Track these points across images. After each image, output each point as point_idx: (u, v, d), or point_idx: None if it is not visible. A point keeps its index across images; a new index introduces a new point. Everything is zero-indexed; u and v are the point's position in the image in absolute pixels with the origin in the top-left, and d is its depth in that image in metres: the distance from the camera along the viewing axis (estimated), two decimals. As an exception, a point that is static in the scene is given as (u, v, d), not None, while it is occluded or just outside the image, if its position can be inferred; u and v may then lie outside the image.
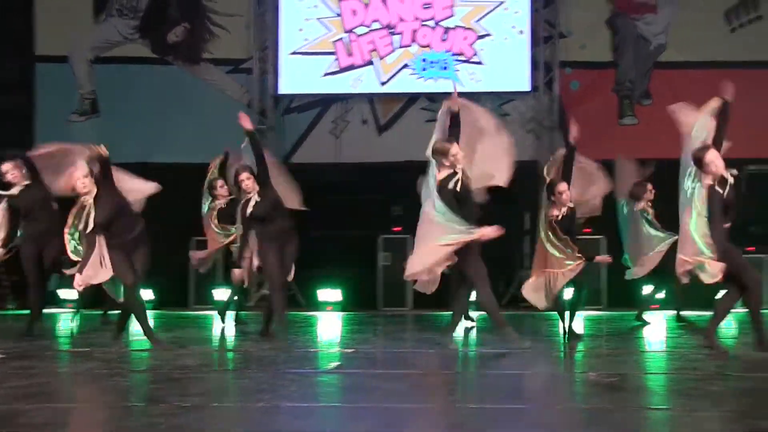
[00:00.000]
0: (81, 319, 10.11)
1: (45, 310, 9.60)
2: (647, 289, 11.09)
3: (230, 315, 10.55)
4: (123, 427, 4.85)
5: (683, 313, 10.53)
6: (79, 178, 7.78)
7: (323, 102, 15.27)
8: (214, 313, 11.09)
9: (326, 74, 14.94)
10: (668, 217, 8.94)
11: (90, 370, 7.00)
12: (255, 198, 8.56)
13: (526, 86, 14.65)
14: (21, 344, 8.45)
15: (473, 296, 8.62)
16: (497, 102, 14.91)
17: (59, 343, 9.47)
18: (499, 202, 14.78)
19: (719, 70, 14.51)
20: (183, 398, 5.57)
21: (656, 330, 10.20)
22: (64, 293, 12.69)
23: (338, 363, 7.70)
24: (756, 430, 4.93)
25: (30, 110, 15.57)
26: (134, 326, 8.41)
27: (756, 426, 4.98)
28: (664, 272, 9.65)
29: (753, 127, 14.47)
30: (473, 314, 10.24)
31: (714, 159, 7.52)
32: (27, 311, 9.38)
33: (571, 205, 8.87)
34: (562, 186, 8.84)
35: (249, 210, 8.53)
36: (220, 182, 10.50)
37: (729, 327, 9.65)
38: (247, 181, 8.60)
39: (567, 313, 8.99)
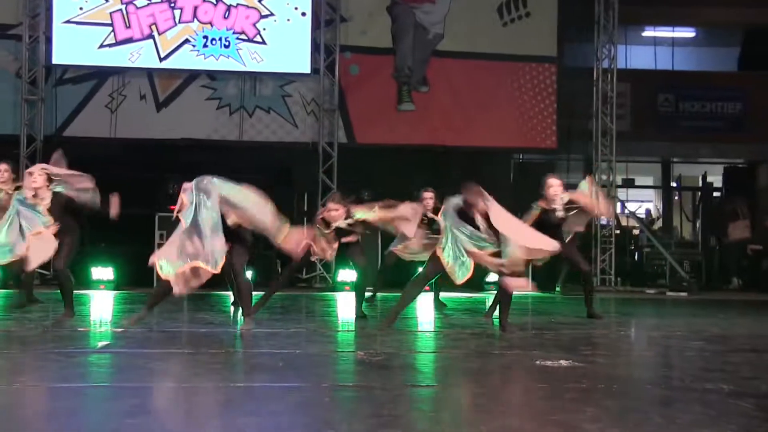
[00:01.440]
0: None
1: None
2: None
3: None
4: None
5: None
6: None
7: (99, 75, 14.68)
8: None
9: (102, 46, 14.39)
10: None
11: None
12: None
13: (307, 68, 14.70)
14: None
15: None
16: (279, 83, 14.91)
17: None
18: (279, 184, 14.88)
19: (492, 62, 15.19)
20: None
21: (428, 310, 10.53)
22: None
23: (107, 342, 7.47)
24: (510, 402, 5.19)
25: None
26: None
27: (511, 400, 5.25)
28: None
29: (520, 118, 15.24)
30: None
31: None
32: None
33: None
34: None
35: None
36: None
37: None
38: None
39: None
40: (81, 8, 14.31)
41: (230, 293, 10.46)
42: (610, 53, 15.52)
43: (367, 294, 10.59)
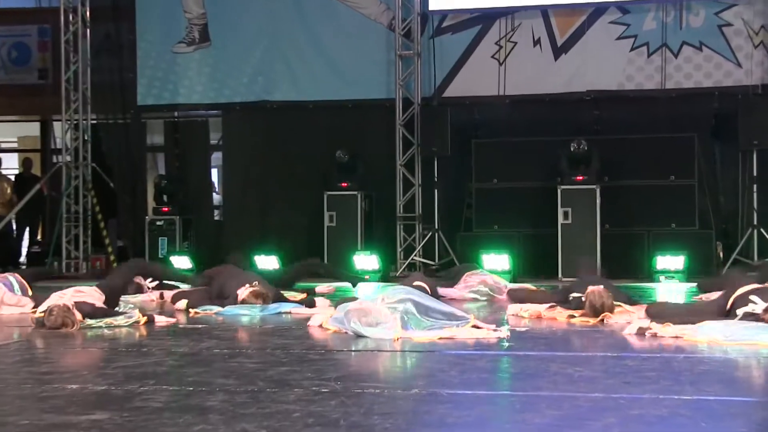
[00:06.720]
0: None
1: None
2: None
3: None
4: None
5: None
6: None
7: (484, 18, 15.04)
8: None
9: (487, -16, 14.76)
10: None
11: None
12: None
13: (753, -12, 14.09)
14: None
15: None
16: (714, 8, 14.35)
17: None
18: (717, 140, 14.34)
19: None
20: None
21: None
22: None
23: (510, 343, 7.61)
24: None
25: (130, 40, 16.01)
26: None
27: None
28: None
29: None
30: None
31: None
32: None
33: None
34: None
35: None
36: None
37: None
38: None
39: None
40: (458, -59, 14.78)
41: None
42: None
43: None
